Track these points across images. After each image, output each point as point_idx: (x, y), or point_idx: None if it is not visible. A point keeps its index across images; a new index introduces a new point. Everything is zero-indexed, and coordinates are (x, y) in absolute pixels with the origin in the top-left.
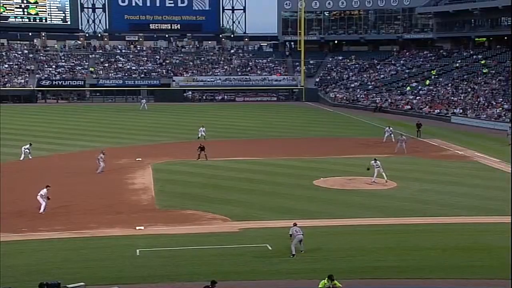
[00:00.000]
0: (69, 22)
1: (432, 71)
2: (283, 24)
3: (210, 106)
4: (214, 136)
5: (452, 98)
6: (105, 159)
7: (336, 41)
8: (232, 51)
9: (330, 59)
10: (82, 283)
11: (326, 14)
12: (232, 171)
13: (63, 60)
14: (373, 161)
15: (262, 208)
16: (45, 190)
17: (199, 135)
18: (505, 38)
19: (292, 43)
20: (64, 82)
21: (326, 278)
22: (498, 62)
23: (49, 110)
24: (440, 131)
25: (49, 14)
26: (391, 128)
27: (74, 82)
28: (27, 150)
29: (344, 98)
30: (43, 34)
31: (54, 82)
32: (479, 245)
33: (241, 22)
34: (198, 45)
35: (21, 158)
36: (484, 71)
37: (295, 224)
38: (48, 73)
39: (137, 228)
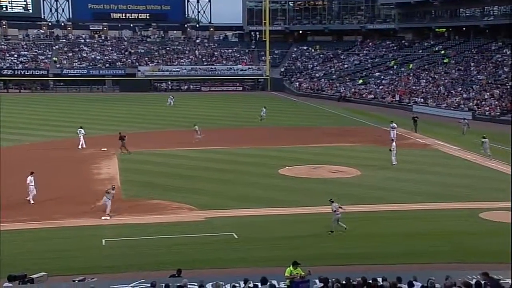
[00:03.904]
0: (31, 11)
1: (393, 61)
2: (248, 14)
3: (176, 96)
4: (180, 126)
5: (414, 87)
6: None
7: (300, 31)
8: (197, 40)
9: (295, 49)
10: (44, 273)
11: (291, 5)
12: (198, 161)
13: (25, 50)
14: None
15: (227, 197)
16: (30, 177)
17: (261, 116)
18: (464, 28)
19: (257, 33)
20: (27, 72)
21: (291, 265)
22: (457, 52)
23: (12, 100)
24: (402, 120)
25: (10, 2)
26: (394, 124)
27: (37, 72)
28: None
29: (309, 87)
30: (4, 23)
31: (16, 72)
32: (440, 230)
33: (206, 12)
34: (163, 35)
35: (81, 146)
36: (445, 61)
37: (332, 201)
38: (9, 63)
39: (103, 218)
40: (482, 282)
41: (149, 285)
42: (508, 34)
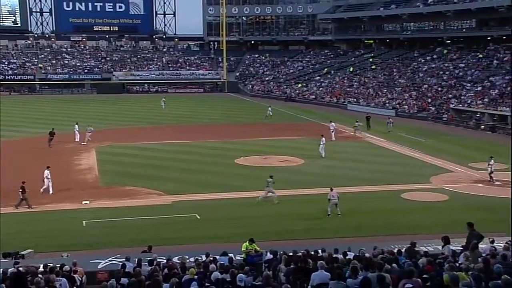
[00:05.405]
0: (19, 24)
1: (326, 69)
2: (208, 27)
3: (146, 97)
4: (150, 123)
5: (348, 89)
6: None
7: (252, 41)
8: (164, 49)
9: (248, 56)
10: (31, 250)
11: (244, 19)
12: (166, 153)
13: (14, 58)
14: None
15: (191, 183)
16: (47, 171)
17: (267, 114)
18: (387, 41)
19: (216, 43)
20: (16, 77)
21: (248, 241)
22: (383, 60)
23: (2, 101)
24: (339, 116)
25: (1, 17)
26: (332, 123)
27: (25, 77)
28: (77, 130)
29: (260, 89)
30: None
31: (6, 77)
32: (370, 209)
33: (172, 25)
34: (134, 45)
35: (78, 139)
36: (373, 67)
37: (331, 189)
38: (1, 69)
39: (83, 202)
40: (403, 249)
41: (124, 259)
42: (422, 46)
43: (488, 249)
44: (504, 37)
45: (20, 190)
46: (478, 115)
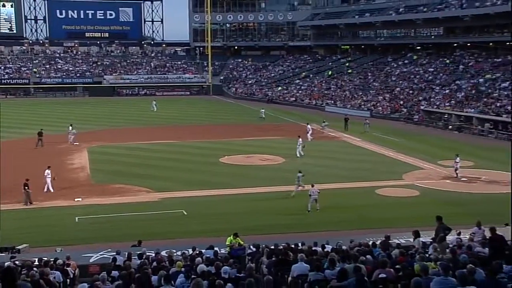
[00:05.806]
0: (15, 31)
1: (303, 73)
2: (194, 33)
3: (135, 100)
4: (140, 124)
5: (326, 92)
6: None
7: (236, 47)
8: (152, 54)
9: (232, 61)
10: (26, 245)
11: (228, 25)
12: (154, 152)
13: (10, 63)
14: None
15: (178, 181)
16: (48, 171)
17: (261, 116)
18: (362, 46)
19: (201, 48)
20: (12, 81)
21: (232, 235)
22: (358, 64)
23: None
24: (317, 117)
25: None
26: (309, 126)
27: (20, 81)
28: (72, 131)
29: (243, 92)
30: None
31: (3, 81)
32: (347, 204)
33: (160, 31)
34: (124, 50)
35: (71, 141)
36: (349, 71)
37: (312, 185)
38: None
39: (76, 199)
40: (378, 242)
41: (114, 253)
42: (394, 51)
43: (455, 241)
44: (468, 44)
45: (26, 187)
46: (446, 116)
